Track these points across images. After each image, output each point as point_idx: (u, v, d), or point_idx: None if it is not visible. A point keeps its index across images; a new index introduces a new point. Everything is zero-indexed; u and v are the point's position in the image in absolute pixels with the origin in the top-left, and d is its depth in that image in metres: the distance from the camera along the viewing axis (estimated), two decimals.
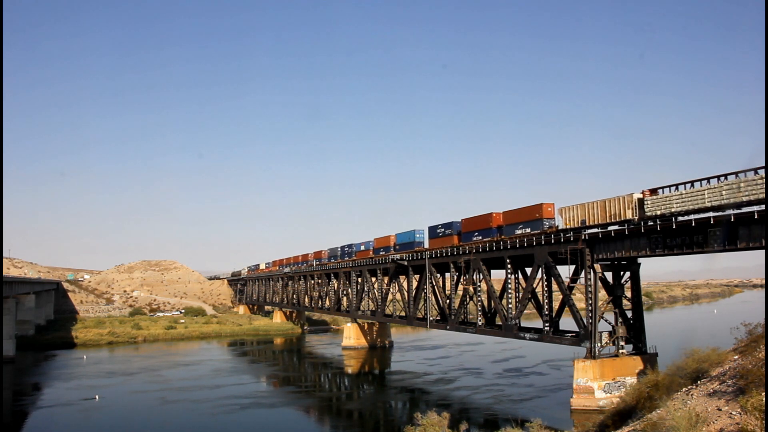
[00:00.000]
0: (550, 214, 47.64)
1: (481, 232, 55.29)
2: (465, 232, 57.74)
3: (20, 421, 42.53)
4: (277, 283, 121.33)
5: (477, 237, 55.69)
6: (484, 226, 54.76)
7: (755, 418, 13.49)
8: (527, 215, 49.47)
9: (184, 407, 46.26)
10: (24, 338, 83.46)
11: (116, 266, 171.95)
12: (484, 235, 54.55)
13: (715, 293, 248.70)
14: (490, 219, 53.97)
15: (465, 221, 58.13)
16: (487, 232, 54.35)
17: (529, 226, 48.87)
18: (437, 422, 21.38)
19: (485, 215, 55.04)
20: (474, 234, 56.26)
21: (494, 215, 53.79)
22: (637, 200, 39.28)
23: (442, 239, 61.87)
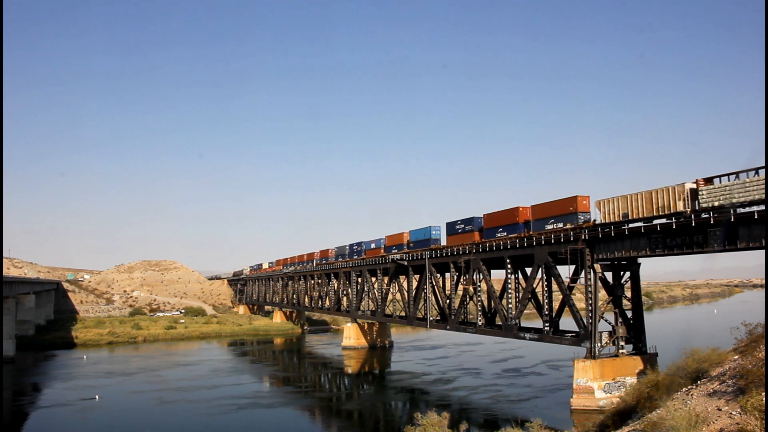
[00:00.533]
0: (585, 207, 44.79)
1: (506, 228, 51.99)
2: (488, 228, 54.60)
3: (20, 421, 42.52)
4: (277, 283, 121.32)
5: (501, 233, 52.36)
6: (510, 222, 51.58)
7: (755, 418, 13.49)
8: (559, 209, 46.33)
9: (181, 408, 46.21)
10: (24, 338, 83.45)
11: (116, 266, 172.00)
12: (510, 231, 51.39)
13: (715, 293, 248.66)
14: (517, 214, 50.89)
15: (487, 216, 54.96)
16: (512, 227, 51.21)
17: (561, 220, 45.69)
18: (437, 422, 21.38)
19: (511, 210, 51.98)
20: (498, 230, 53.01)
21: (521, 209, 50.74)
22: (690, 191, 36.11)
23: (461, 236, 58.72)
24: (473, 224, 57.06)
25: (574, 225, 44.28)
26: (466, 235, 57.96)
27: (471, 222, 57.54)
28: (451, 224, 61.16)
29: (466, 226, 58.14)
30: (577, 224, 44.15)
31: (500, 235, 52.65)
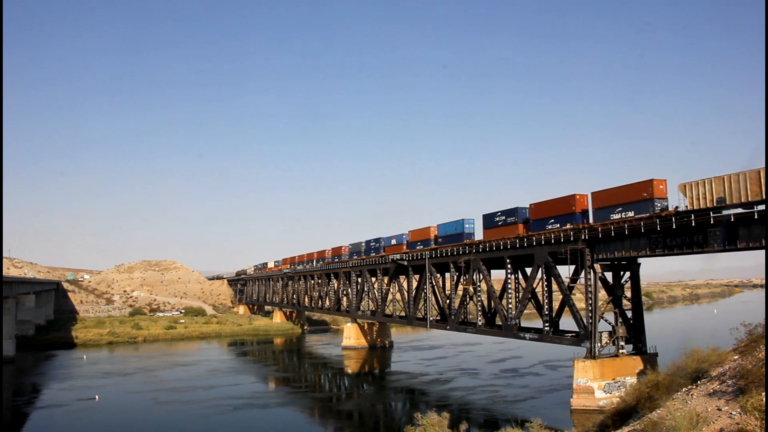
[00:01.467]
0: (662, 192, 39.28)
1: (559, 218, 46.42)
2: (535, 219, 48.98)
3: (20, 421, 42.52)
4: (277, 284, 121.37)
5: (553, 225, 46.72)
6: (564, 212, 45.92)
7: (755, 418, 13.49)
8: (630, 195, 40.73)
9: (176, 408, 46.03)
10: (24, 338, 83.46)
11: (116, 266, 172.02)
12: (564, 222, 45.76)
13: (715, 293, 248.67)
14: (573, 202, 45.23)
15: (535, 206, 49.24)
16: (567, 218, 45.55)
17: (632, 208, 40.22)
18: (437, 422, 21.38)
19: (565, 198, 46.22)
20: (549, 221, 47.25)
21: (578, 197, 45.18)
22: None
23: (502, 229, 52.81)
24: (517, 215, 51.43)
25: (650, 213, 38.72)
26: (508, 228, 52.33)
27: (514, 213, 51.90)
28: (489, 216, 55.31)
29: (508, 218, 52.47)
30: (653, 212, 38.50)
31: (552, 226, 47.03)
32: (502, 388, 51.36)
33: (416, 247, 67.05)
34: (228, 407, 45.38)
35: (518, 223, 51.26)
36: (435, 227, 64.80)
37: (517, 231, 50.98)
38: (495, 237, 53.21)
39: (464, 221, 58.81)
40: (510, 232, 51.75)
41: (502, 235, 52.31)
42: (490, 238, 54.05)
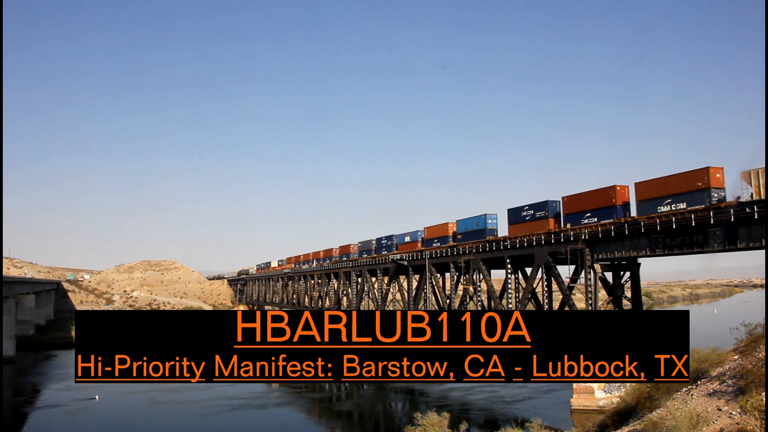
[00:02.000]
0: (719, 182, 36.08)
1: (597, 212, 42.98)
2: (569, 213, 45.65)
3: (20, 421, 42.54)
4: (277, 283, 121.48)
5: (590, 219, 43.52)
6: (603, 204, 42.52)
7: (755, 418, 13.49)
8: (681, 185, 37.51)
9: (172, 408, 45.79)
10: (24, 338, 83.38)
11: (116, 266, 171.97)
12: (603, 216, 42.35)
13: (715, 293, 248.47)
14: (613, 194, 41.86)
15: (569, 199, 45.87)
16: (606, 212, 42.22)
17: (684, 199, 37.16)
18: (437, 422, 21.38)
19: (604, 189, 42.84)
20: (584, 215, 43.95)
21: (618, 188, 41.81)
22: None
23: (530, 224, 49.33)
24: (547, 209, 47.97)
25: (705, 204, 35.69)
26: (537, 223, 48.73)
27: (544, 207, 48.34)
28: (515, 211, 52.04)
29: (537, 212, 49.00)
30: (709, 203, 35.57)
31: (588, 221, 43.82)
32: (501, 388, 51.28)
33: (432, 244, 63.75)
34: (225, 407, 45.15)
35: (548, 217, 47.72)
36: (453, 223, 61.26)
37: (548, 226, 47.34)
38: (522, 233, 49.63)
39: (486, 216, 55.41)
40: (539, 228, 48.08)
41: (530, 231, 48.64)
42: (516, 234, 50.59)
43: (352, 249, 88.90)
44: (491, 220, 55.10)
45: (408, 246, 70.21)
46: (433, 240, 64.50)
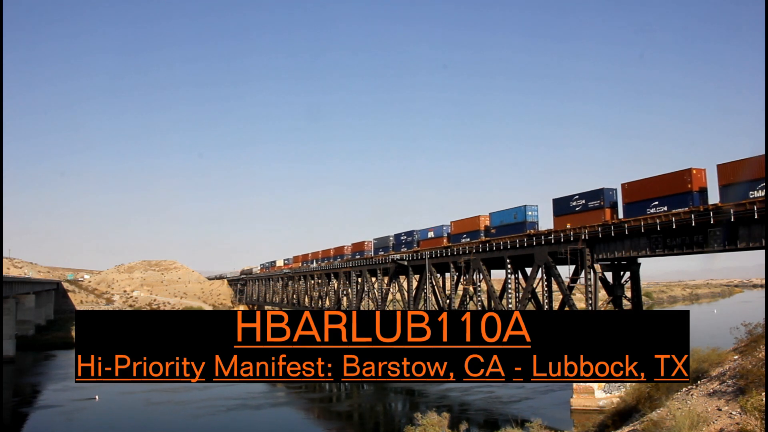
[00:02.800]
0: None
1: (667, 200, 37.56)
2: (630, 202, 40.25)
3: (20, 421, 42.54)
4: (277, 283, 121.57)
5: (657, 208, 38.00)
6: (675, 190, 36.87)
7: (755, 418, 13.50)
8: None
9: (168, 408, 45.55)
10: (24, 338, 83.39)
11: (116, 266, 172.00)
12: (675, 204, 36.83)
13: (715, 293, 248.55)
14: (688, 178, 36.14)
15: (631, 186, 40.40)
16: (679, 199, 36.70)
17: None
18: (437, 422, 21.38)
19: (676, 174, 37.33)
20: (650, 204, 38.44)
21: (695, 172, 36.14)
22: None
23: (581, 215, 44.36)
24: (602, 198, 42.93)
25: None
26: (589, 213, 43.76)
27: (598, 195, 43.28)
28: (562, 201, 46.88)
29: (590, 202, 43.88)
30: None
31: (655, 210, 38.34)
32: (501, 388, 51.30)
33: (461, 240, 58.38)
34: (221, 408, 44.83)
35: (604, 207, 42.72)
36: (486, 216, 55.94)
37: (603, 217, 42.36)
38: (572, 224, 44.74)
39: (526, 207, 50.68)
40: (592, 219, 43.19)
41: (581, 223, 43.86)
42: (563, 226, 45.49)
43: (366, 246, 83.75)
44: (531, 212, 50.45)
45: (431, 242, 64.72)
46: (461, 235, 58.93)
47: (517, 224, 51.08)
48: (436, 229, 64.48)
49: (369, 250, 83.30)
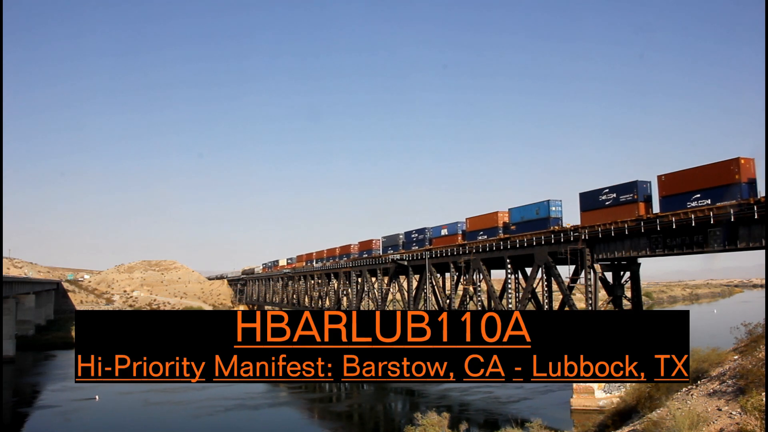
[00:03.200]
0: None
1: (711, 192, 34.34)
2: (668, 195, 37.33)
3: (20, 421, 42.54)
4: (277, 283, 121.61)
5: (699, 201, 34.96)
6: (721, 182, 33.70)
7: (755, 418, 13.50)
8: None
9: (166, 409, 45.46)
10: (24, 338, 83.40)
11: (116, 266, 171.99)
12: (718, 197, 33.81)
13: (715, 293, 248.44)
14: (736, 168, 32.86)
15: (668, 178, 37.44)
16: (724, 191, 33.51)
17: None
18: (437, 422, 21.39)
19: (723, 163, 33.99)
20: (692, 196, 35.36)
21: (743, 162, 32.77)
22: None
23: (611, 210, 41.17)
24: (635, 191, 39.69)
25: None
26: (621, 208, 40.61)
27: (631, 188, 40.12)
28: (589, 195, 43.52)
29: (622, 195, 40.68)
30: None
31: (696, 203, 35.38)
32: (501, 388, 51.31)
33: (477, 237, 55.41)
34: (220, 408, 44.73)
35: (638, 201, 39.58)
36: (505, 212, 53.19)
37: (636, 211, 39.34)
38: (601, 220, 41.74)
39: (550, 203, 47.70)
40: (624, 213, 40.02)
41: (612, 218, 40.67)
42: (592, 222, 42.53)
43: (374, 245, 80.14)
44: (555, 207, 47.58)
45: (445, 240, 61.68)
46: (477, 232, 55.94)
47: (540, 220, 48.20)
48: (450, 226, 61.34)
49: (377, 249, 79.96)
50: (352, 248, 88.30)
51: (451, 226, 61.29)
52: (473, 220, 57.50)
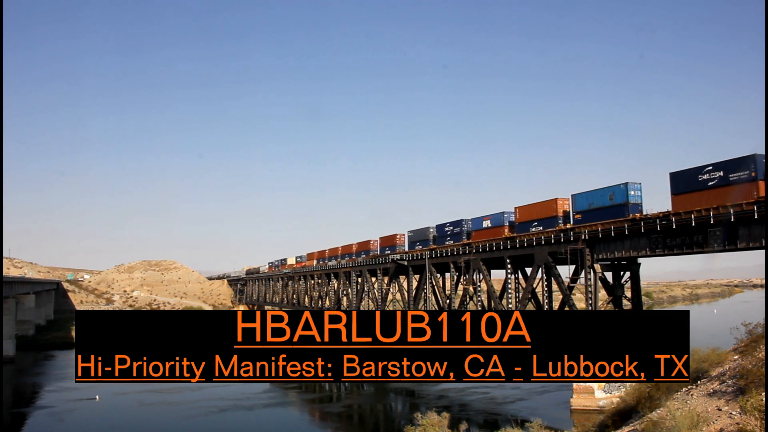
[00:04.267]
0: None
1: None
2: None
3: (20, 421, 42.53)
4: (277, 283, 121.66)
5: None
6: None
7: (755, 418, 13.50)
8: None
9: (160, 410, 45.22)
10: (24, 338, 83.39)
11: (116, 266, 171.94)
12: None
13: (715, 293, 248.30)
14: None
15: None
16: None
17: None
18: (437, 422, 21.38)
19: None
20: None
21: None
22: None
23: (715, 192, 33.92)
24: (752, 167, 31.70)
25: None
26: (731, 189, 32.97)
27: (745, 164, 32.13)
28: (685, 175, 36.27)
29: (732, 174, 32.89)
30: None
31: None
32: (501, 388, 51.30)
33: (530, 228, 48.38)
34: (222, 408, 44.62)
35: (756, 179, 31.74)
36: (565, 199, 46.33)
37: (755, 192, 31.57)
38: (699, 205, 34.66)
39: (628, 186, 40.64)
40: (736, 195, 32.43)
41: (719, 201, 33.39)
42: (687, 207, 35.49)
43: (399, 240, 71.53)
44: (634, 191, 40.62)
45: (488, 233, 53.54)
46: (530, 223, 48.59)
47: (615, 207, 41.44)
48: (494, 217, 53.19)
49: (401, 245, 71.31)
50: (371, 244, 79.75)
51: (495, 217, 53.10)
52: (525, 209, 49.57)
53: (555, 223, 46.19)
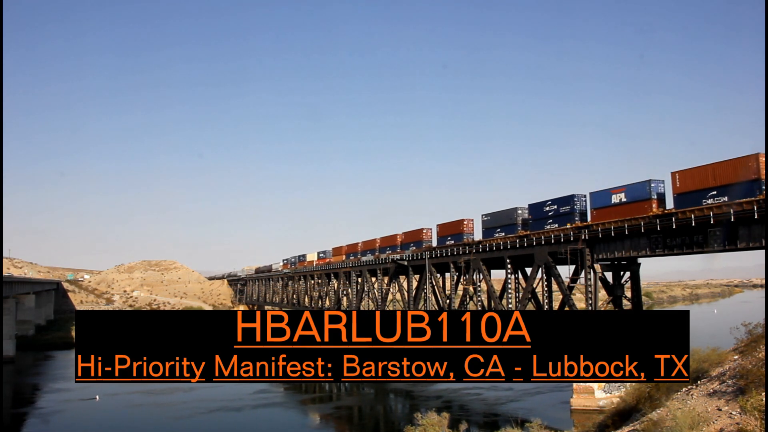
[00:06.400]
0: None
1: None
2: None
3: (20, 421, 42.52)
4: (277, 283, 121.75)
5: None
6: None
7: (755, 418, 13.50)
8: None
9: (149, 411, 44.87)
10: (24, 338, 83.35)
11: (116, 266, 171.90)
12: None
13: (715, 293, 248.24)
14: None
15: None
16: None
17: None
18: (437, 422, 21.37)
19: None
20: None
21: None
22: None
23: None
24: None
25: None
26: None
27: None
28: None
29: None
30: None
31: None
32: (501, 388, 51.29)
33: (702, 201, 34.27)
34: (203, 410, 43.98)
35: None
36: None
37: None
38: None
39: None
40: None
41: None
42: None
43: (465, 227, 56.89)
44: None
45: (620, 210, 39.90)
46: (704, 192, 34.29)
47: None
48: (630, 188, 39.51)
49: (469, 233, 57.19)
50: (424, 234, 65.02)
51: (633, 189, 38.60)
52: (689, 173, 35.29)
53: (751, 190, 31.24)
